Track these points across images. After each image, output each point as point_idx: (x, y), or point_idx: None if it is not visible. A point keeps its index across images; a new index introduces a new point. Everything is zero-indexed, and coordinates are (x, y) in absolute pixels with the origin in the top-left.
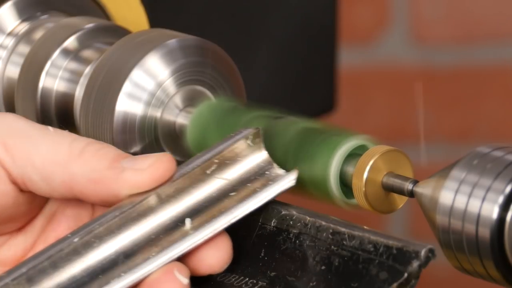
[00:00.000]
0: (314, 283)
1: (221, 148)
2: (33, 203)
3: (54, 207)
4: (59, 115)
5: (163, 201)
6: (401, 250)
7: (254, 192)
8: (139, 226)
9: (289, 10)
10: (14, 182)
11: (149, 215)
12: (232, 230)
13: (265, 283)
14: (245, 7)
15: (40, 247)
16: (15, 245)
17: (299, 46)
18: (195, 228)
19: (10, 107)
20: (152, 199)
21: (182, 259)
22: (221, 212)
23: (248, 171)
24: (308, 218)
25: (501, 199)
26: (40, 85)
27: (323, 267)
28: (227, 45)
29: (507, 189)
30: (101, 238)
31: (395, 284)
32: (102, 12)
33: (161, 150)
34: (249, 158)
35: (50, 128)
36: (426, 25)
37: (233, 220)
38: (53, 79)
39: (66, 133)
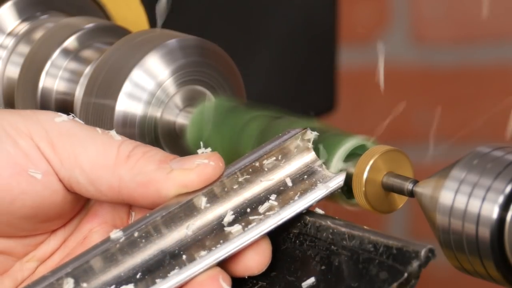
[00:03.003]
0: (314, 283)
1: (269, 148)
2: (79, 202)
3: (92, 201)
4: None
5: (210, 201)
6: (401, 250)
7: (302, 193)
8: (186, 226)
9: (289, 10)
10: (62, 182)
11: (196, 215)
12: None
13: (265, 283)
14: (245, 7)
15: (74, 239)
16: (54, 240)
17: (299, 46)
18: (242, 230)
19: (10, 107)
20: (199, 199)
21: (224, 260)
22: (268, 214)
23: (296, 172)
24: (308, 218)
25: (501, 199)
26: (40, 85)
27: (323, 267)
28: (227, 45)
29: (507, 189)
30: (147, 238)
31: (395, 284)
32: (102, 12)
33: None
34: (297, 158)
35: (98, 129)
36: (426, 25)
37: (280, 222)
38: (53, 79)
39: (114, 135)
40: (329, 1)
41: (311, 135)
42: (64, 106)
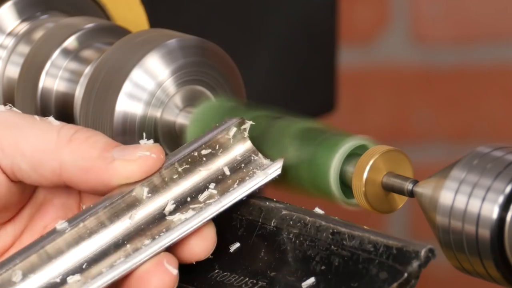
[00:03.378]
0: (314, 283)
1: (207, 138)
2: (24, 192)
3: (42, 196)
4: (59, 115)
5: (152, 191)
6: (401, 250)
7: (240, 181)
8: (129, 217)
9: (289, 10)
10: (5, 172)
11: (138, 205)
12: (232, 230)
13: (265, 283)
14: (245, 7)
15: (28, 236)
16: (5, 235)
17: (299, 46)
18: (184, 219)
19: None
20: (141, 190)
21: (168, 248)
22: (208, 202)
23: (234, 161)
24: (308, 218)
25: (501, 199)
26: (40, 85)
27: (323, 267)
28: (227, 45)
29: (507, 189)
30: (91, 228)
31: (395, 284)
32: (102, 12)
33: None
34: (234, 148)
35: (36, 117)
36: (426, 25)
37: (221, 209)
38: (53, 79)
39: (53, 121)
40: (329, 1)
41: (247, 124)
42: (64, 106)
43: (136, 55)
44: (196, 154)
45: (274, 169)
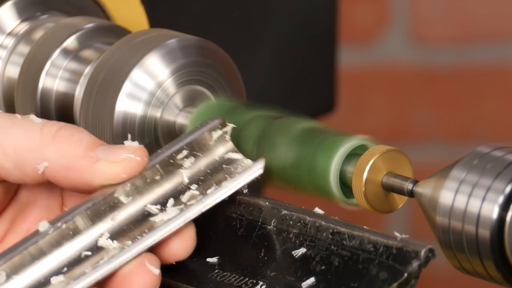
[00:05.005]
0: (314, 283)
1: (189, 139)
2: (7, 192)
3: (24, 198)
4: (59, 115)
5: (134, 192)
6: (401, 250)
7: (222, 181)
8: (111, 218)
9: (289, 10)
10: None
11: (120, 206)
12: (232, 230)
13: (265, 283)
14: (245, 7)
15: (10, 238)
16: None
17: (299, 46)
18: (166, 219)
19: (10, 107)
20: (123, 191)
21: (150, 248)
22: (190, 203)
23: (216, 162)
24: (308, 218)
25: (501, 199)
26: (40, 85)
27: (323, 267)
28: (227, 45)
29: (507, 189)
30: (74, 230)
31: (395, 284)
32: (102, 12)
33: None
34: (216, 148)
35: (17, 115)
36: (426, 25)
37: (203, 210)
38: (53, 79)
39: (35, 118)
40: (329, 1)
41: (229, 126)
42: (64, 106)
43: (136, 55)
44: (178, 155)
45: (255, 169)
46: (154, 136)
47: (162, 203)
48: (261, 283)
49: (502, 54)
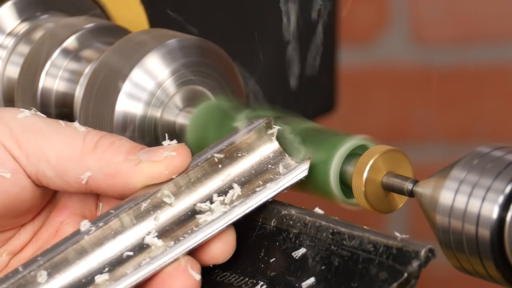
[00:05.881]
0: (314, 283)
1: (233, 139)
2: (47, 195)
3: (61, 193)
4: (59, 115)
5: (177, 192)
6: (401, 250)
7: (267, 182)
8: (154, 218)
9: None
10: (30, 178)
11: (164, 206)
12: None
13: (265, 283)
14: (245, 7)
15: (45, 231)
16: (24, 233)
17: (299, 46)
18: (209, 220)
19: (10, 107)
20: (166, 190)
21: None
22: (234, 204)
23: (261, 162)
24: (308, 218)
25: (501, 199)
26: (40, 85)
27: (323, 267)
28: (227, 45)
29: (507, 189)
30: (116, 229)
31: (395, 284)
32: (102, 12)
33: None
34: (261, 148)
35: (61, 122)
36: (426, 25)
37: (247, 211)
38: (53, 79)
39: (78, 127)
40: (329, 1)
41: (275, 128)
42: (64, 106)
43: (136, 55)
44: (222, 155)
45: (300, 170)
46: (154, 136)
47: (205, 203)
48: (261, 283)
49: (502, 54)
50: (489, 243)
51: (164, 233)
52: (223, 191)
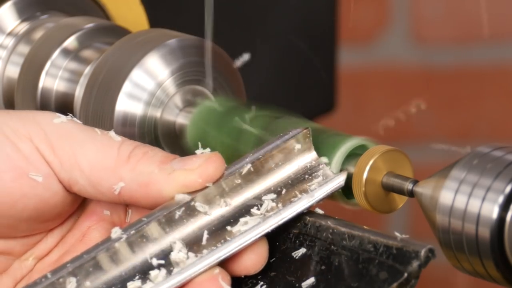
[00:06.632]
0: (314, 283)
1: (270, 147)
2: (77, 201)
3: (91, 202)
4: None
5: (211, 201)
6: (401, 250)
7: (302, 193)
8: (187, 226)
9: (289, 10)
10: (62, 183)
11: (196, 215)
12: None
13: (265, 283)
14: (245, 7)
15: (71, 235)
16: (51, 237)
17: (299, 46)
18: (243, 230)
19: (10, 107)
20: (200, 199)
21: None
22: (268, 214)
23: (297, 172)
24: (308, 218)
25: (501, 199)
26: (40, 85)
27: (323, 267)
28: (227, 45)
29: (507, 189)
30: (147, 237)
31: (395, 284)
32: (102, 12)
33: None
34: (298, 158)
35: (97, 130)
36: (426, 25)
37: (281, 222)
38: (53, 79)
39: (114, 136)
40: (329, 1)
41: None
42: (64, 106)
43: (136, 55)
44: (258, 164)
45: (337, 182)
46: (154, 136)
47: (240, 213)
48: (261, 283)
49: (502, 54)
50: (489, 243)
51: (197, 242)
52: (258, 201)
